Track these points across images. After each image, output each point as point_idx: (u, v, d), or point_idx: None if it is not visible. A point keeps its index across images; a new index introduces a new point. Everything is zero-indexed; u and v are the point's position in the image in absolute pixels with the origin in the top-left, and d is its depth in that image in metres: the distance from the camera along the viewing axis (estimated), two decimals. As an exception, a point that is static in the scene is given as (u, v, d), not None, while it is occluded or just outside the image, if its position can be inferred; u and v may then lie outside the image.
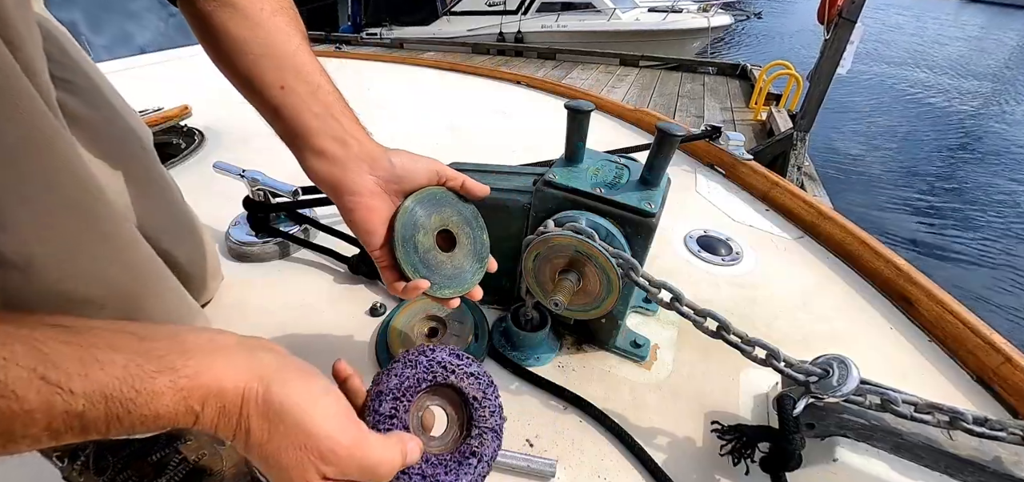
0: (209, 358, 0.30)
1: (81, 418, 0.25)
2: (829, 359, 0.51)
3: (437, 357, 0.42)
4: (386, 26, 9.81)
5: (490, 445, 0.41)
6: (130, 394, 0.26)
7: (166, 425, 0.28)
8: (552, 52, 8.40)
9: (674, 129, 0.56)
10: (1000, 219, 5.04)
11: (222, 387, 0.30)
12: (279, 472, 0.32)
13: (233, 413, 0.30)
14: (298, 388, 0.33)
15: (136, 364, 0.27)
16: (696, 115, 5.78)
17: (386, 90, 1.94)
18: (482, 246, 0.51)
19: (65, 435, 0.25)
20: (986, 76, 11.29)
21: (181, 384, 0.28)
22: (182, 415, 0.28)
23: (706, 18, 8.66)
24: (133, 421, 0.27)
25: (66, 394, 0.25)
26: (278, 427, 0.31)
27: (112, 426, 0.26)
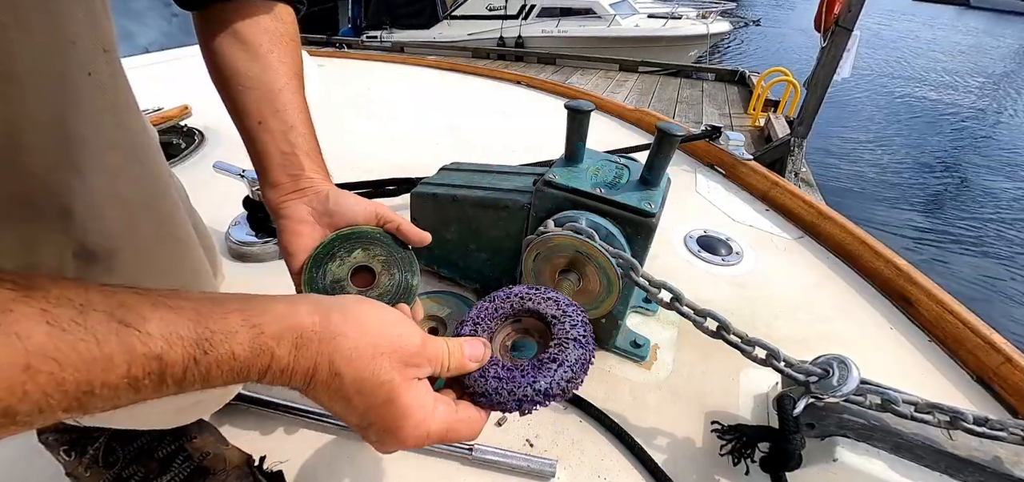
0: (272, 302, 0.30)
1: (160, 361, 0.25)
2: (829, 359, 0.51)
3: (514, 290, 0.45)
4: (386, 29, 9.84)
5: (571, 352, 0.41)
6: (205, 334, 0.26)
7: (242, 369, 0.28)
8: (552, 57, 8.44)
9: (674, 129, 0.57)
10: (998, 224, 5.05)
11: (297, 321, 0.29)
12: (374, 392, 0.31)
13: (311, 343, 0.30)
14: (363, 308, 0.33)
15: (206, 308, 0.27)
16: (694, 120, 5.80)
17: (386, 90, 1.94)
18: (402, 291, 0.49)
19: (143, 385, 0.25)
20: (985, 82, 11.34)
21: (254, 321, 0.28)
22: (258, 355, 0.28)
23: (705, 25, 8.71)
24: (210, 364, 0.26)
25: (144, 335, 0.24)
26: (366, 337, 0.31)
27: (189, 372, 0.26)
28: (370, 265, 0.48)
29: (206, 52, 0.49)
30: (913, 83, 10.59)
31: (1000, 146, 7.24)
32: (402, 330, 0.34)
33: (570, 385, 0.39)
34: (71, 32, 0.32)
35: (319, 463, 0.56)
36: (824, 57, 3.51)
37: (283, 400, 0.60)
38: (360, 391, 0.31)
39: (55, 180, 0.32)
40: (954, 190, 5.83)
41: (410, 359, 0.33)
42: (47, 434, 0.50)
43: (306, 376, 0.30)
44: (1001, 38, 19.53)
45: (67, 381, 0.22)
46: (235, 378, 0.28)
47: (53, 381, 0.22)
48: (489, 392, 0.38)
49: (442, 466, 0.56)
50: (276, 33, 0.50)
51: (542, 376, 0.39)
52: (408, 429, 0.32)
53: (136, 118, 0.40)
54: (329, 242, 0.47)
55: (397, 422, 0.32)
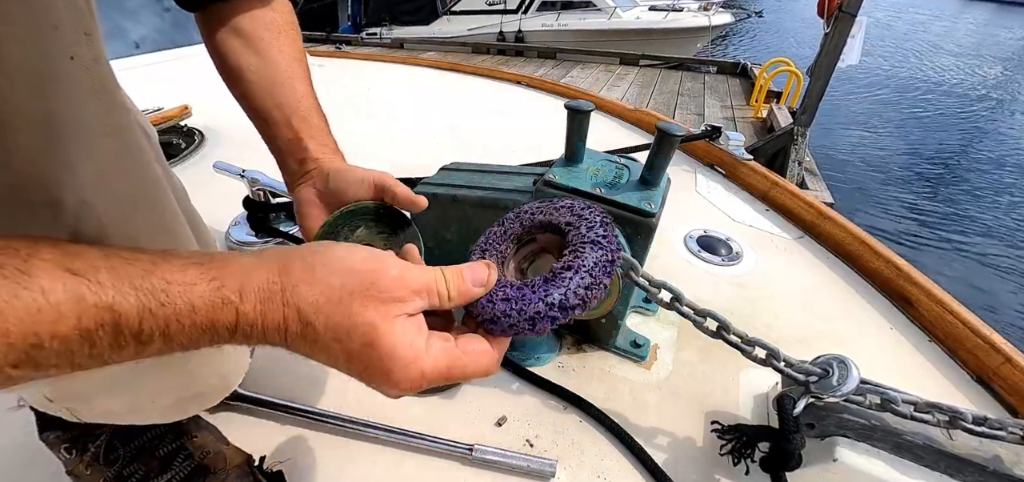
0: (234, 258, 0.29)
1: (112, 311, 0.23)
2: (829, 359, 0.51)
3: (524, 208, 0.41)
4: (386, 26, 9.81)
5: (588, 255, 0.35)
6: (160, 284, 0.25)
7: (206, 324, 0.26)
8: (552, 51, 8.40)
9: (674, 129, 0.56)
10: (1002, 214, 5.03)
11: (256, 275, 0.28)
12: (350, 336, 0.29)
13: (275, 296, 0.28)
14: (328, 251, 0.31)
15: (163, 260, 0.26)
16: (696, 113, 5.78)
17: (386, 90, 1.94)
18: (410, 233, 0.50)
19: (97, 337, 0.23)
20: (988, 73, 11.28)
21: (213, 273, 0.27)
22: (220, 307, 0.26)
23: (707, 17, 8.66)
24: (168, 317, 0.25)
25: (94, 285, 0.23)
26: (331, 280, 0.29)
27: (145, 323, 0.24)
28: (372, 242, 0.48)
29: (211, 51, 0.51)
30: (917, 74, 10.53)
31: (1005, 137, 7.20)
32: (374, 265, 0.30)
33: (589, 293, 0.34)
34: (53, 17, 0.31)
35: (319, 463, 0.56)
36: (827, 44, 3.49)
37: (283, 400, 0.61)
38: (337, 338, 0.29)
39: (44, 171, 0.31)
40: (956, 182, 5.81)
41: (386, 294, 0.30)
42: (48, 432, 0.50)
43: (279, 331, 0.28)
44: (1006, 30, 19.40)
45: (12, 333, 0.21)
46: (201, 335, 0.27)
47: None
48: (497, 316, 0.33)
49: (442, 466, 0.56)
50: (274, 25, 0.52)
51: (555, 287, 0.33)
52: (398, 372, 0.30)
53: (122, 103, 0.39)
54: (332, 221, 0.47)
55: (384, 365, 0.29)
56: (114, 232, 0.36)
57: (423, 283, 0.31)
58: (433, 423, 0.60)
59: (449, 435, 0.58)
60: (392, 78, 2.10)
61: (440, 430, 0.58)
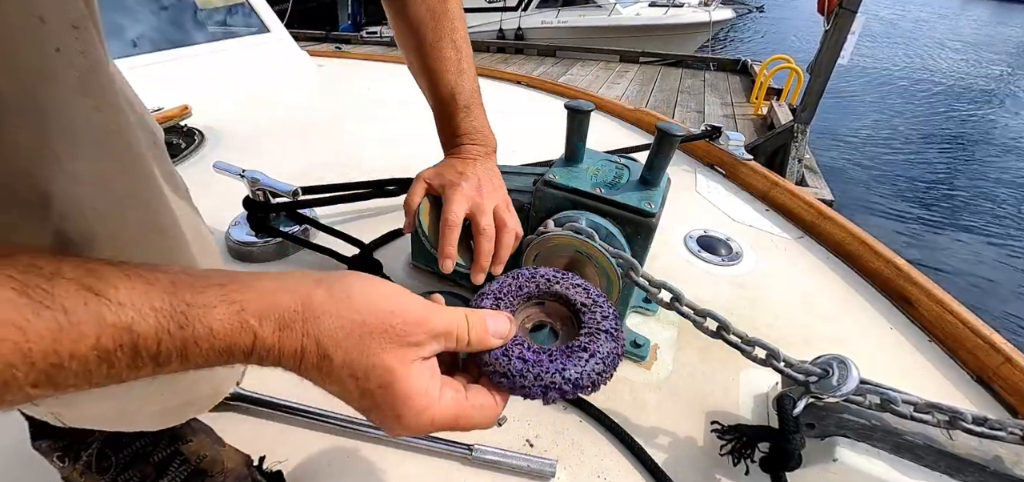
0: (256, 279, 0.28)
1: (130, 332, 0.23)
2: (829, 359, 0.51)
3: (540, 271, 0.42)
4: (386, 24, 9.79)
5: (603, 344, 0.37)
6: (180, 306, 0.25)
7: (223, 348, 0.26)
8: (552, 49, 8.39)
9: (674, 129, 0.56)
10: (1004, 213, 5.03)
11: (277, 300, 0.28)
12: (367, 376, 0.29)
13: (295, 324, 0.28)
14: (353, 282, 0.30)
15: (183, 281, 0.26)
16: (696, 111, 5.78)
17: (386, 90, 1.94)
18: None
19: (116, 358, 0.23)
20: (990, 70, 11.26)
21: (234, 297, 0.26)
22: (239, 332, 0.26)
23: (707, 12, 8.65)
24: (186, 339, 0.25)
25: (114, 305, 0.23)
26: (354, 316, 0.29)
27: (164, 346, 0.24)
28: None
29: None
30: (917, 71, 10.52)
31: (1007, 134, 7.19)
32: (396, 306, 0.30)
33: (600, 379, 0.36)
34: (38, 8, 0.31)
35: (319, 463, 0.56)
36: (827, 40, 3.48)
37: (283, 400, 0.61)
38: (353, 374, 0.29)
39: (34, 165, 0.31)
40: (958, 179, 5.80)
41: (406, 337, 0.30)
42: (41, 441, 0.50)
43: (295, 358, 0.28)
44: (1007, 27, 19.36)
45: (33, 352, 0.21)
46: (218, 357, 0.26)
47: (18, 351, 0.21)
48: (512, 373, 0.34)
49: (442, 466, 0.56)
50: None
51: (572, 365, 0.35)
52: (409, 417, 0.30)
53: (115, 98, 0.38)
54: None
55: (397, 409, 0.30)
56: (102, 227, 0.36)
57: (444, 327, 0.32)
58: (433, 423, 0.60)
59: (449, 435, 0.58)
60: (392, 78, 2.09)
61: (440, 430, 0.58)
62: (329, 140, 1.45)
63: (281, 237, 0.89)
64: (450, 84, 0.62)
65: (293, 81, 1.90)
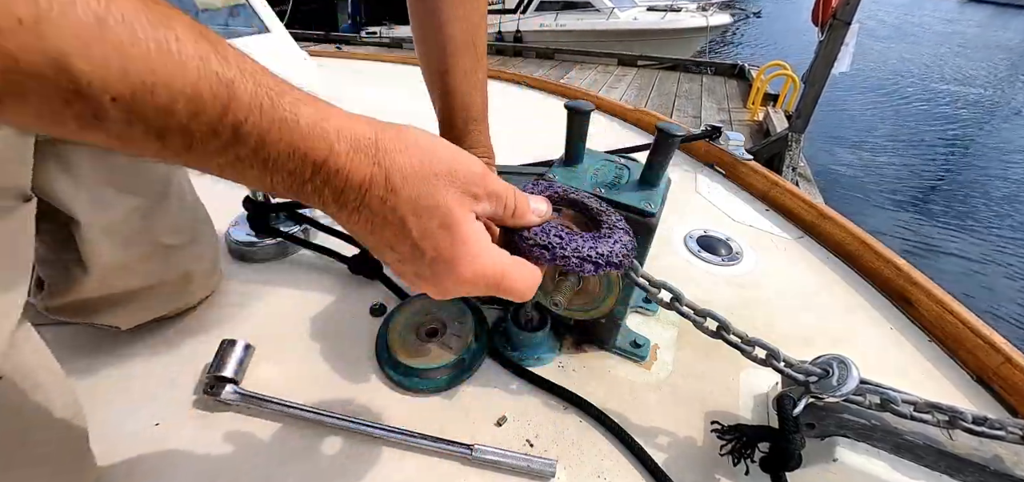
0: (334, 106, 0.29)
1: (229, 88, 0.23)
2: (829, 359, 0.51)
3: (553, 184, 0.46)
4: (386, 25, 9.81)
5: (623, 235, 0.41)
6: (276, 87, 0.25)
7: (300, 146, 0.26)
8: (550, 52, 8.42)
9: (674, 129, 0.56)
10: (1001, 215, 5.05)
11: (354, 124, 0.28)
12: (430, 214, 0.29)
13: (369, 150, 0.28)
14: (417, 132, 0.31)
15: (282, 80, 0.27)
16: (693, 115, 5.80)
17: (386, 90, 1.94)
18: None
19: (205, 109, 0.23)
20: (985, 75, 11.31)
21: (322, 108, 0.27)
22: (318, 138, 0.26)
23: (705, 17, 8.68)
24: (272, 120, 0.25)
25: (220, 58, 0.23)
26: (422, 154, 0.29)
27: (251, 118, 0.24)
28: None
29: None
30: (913, 77, 10.55)
31: (1004, 138, 7.22)
32: (459, 156, 0.31)
33: (626, 260, 0.40)
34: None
35: (319, 463, 0.56)
36: (822, 51, 3.51)
37: (283, 400, 0.60)
38: (415, 211, 0.29)
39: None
40: (954, 183, 5.82)
41: (468, 186, 0.31)
42: None
43: (361, 186, 0.28)
44: (1003, 31, 19.46)
45: (134, 58, 0.20)
46: (288, 159, 0.26)
47: (118, 51, 0.20)
48: (552, 245, 0.37)
49: (442, 466, 0.56)
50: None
51: (602, 244, 0.39)
52: (464, 261, 0.31)
53: None
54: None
55: (453, 251, 0.30)
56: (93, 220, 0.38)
57: (498, 188, 0.33)
58: (433, 423, 0.60)
59: (449, 435, 0.58)
60: (392, 78, 2.09)
61: (439, 430, 0.58)
62: (328, 141, 1.45)
63: (281, 237, 0.88)
64: (465, 96, 0.61)
65: (293, 81, 1.89)
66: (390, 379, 0.65)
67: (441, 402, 0.63)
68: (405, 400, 0.63)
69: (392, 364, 0.66)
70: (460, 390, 0.64)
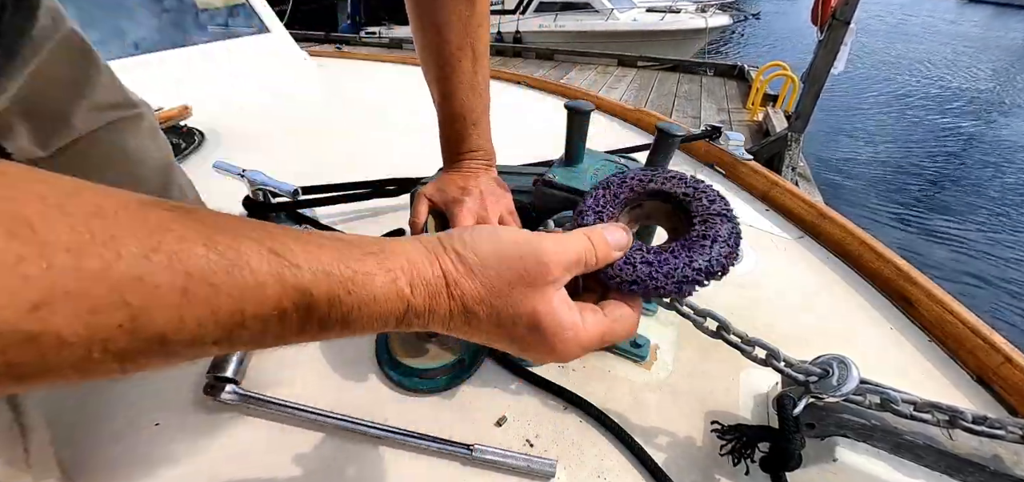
0: (400, 247, 0.30)
1: (307, 296, 0.24)
2: (829, 359, 0.51)
3: (629, 174, 0.42)
4: (385, 25, 9.81)
5: (722, 227, 0.37)
6: (347, 273, 0.26)
7: (381, 313, 0.28)
8: (550, 53, 8.42)
9: (674, 129, 0.56)
10: (999, 217, 5.05)
11: (422, 270, 0.29)
12: (514, 324, 0.31)
13: (442, 290, 0.29)
14: (480, 239, 0.32)
15: (345, 248, 0.27)
16: (693, 116, 5.80)
17: (386, 90, 1.94)
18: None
19: (290, 319, 0.24)
20: (987, 75, 11.31)
21: (388, 264, 0.28)
22: (395, 299, 0.28)
23: (704, 19, 8.68)
24: (352, 305, 0.26)
25: (293, 268, 0.24)
26: (488, 273, 0.30)
27: (333, 311, 0.26)
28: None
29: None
30: (913, 77, 10.56)
31: (1003, 139, 7.22)
32: (525, 251, 0.31)
33: (729, 261, 0.36)
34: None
35: (319, 463, 0.56)
36: (821, 51, 3.51)
37: (283, 400, 0.60)
38: (499, 325, 0.31)
39: None
40: (954, 184, 5.82)
41: (543, 278, 0.31)
42: None
43: (445, 321, 0.30)
44: (1002, 32, 19.48)
45: (221, 309, 0.21)
46: (372, 323, 0.28)
47: (208, 308, 0.21)
48: (642, 278, 0.35)
49: (442, 466, 0.56)
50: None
51: (698, 255, 0.35)
52: (560, 348, 0.32)
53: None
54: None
55: (548, 344, 0.31)
56: None
57: (574, 256, 0.33)
58: (432, 423, 0.60)
59: (448, 435, 0.58)
60: (392, 78, 2.09)
61: (439, 430, 0.58)
62: (329, 140, 1.45)
63: (280, 237, 0.88)
64: (462, 100, 0.60)
65: (293, 81, 1.90)
66: (390, 379, 0.65)
67: (441, 402, 0.63)
68: (405, 400, 0.63)
69: (392, 364, 0.66)
70: (460, 390, 0.64)
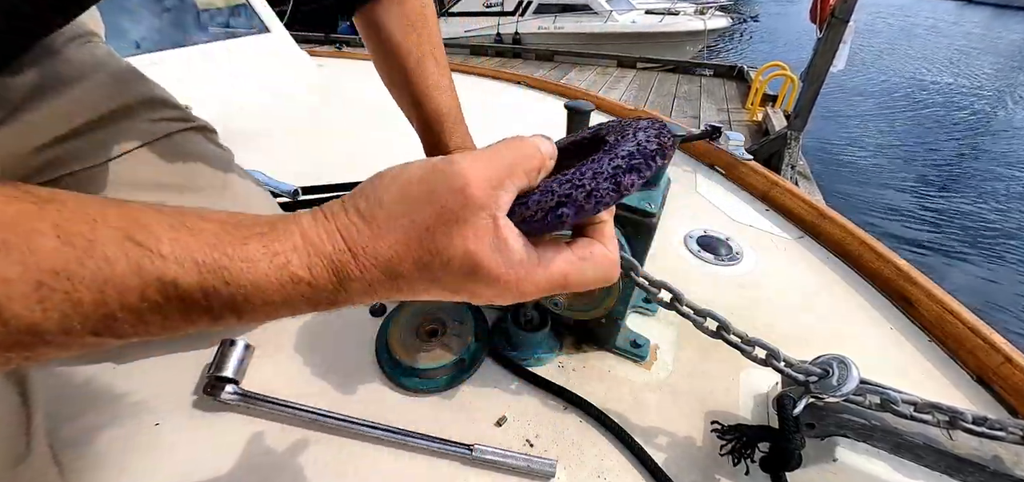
0: (294, 225, 0.26)
1: (173, 287, 0.23)
2: (829, 359, 0.51)
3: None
4: (385, 27, 9.81)
5: (638, 125, 0.30)
6: (222, 261, 0.24)
7: (276, 299, 0.25)
8: (550, 54, 8.43)
9: (674, 129, 0.56)
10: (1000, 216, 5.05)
11: (322, 245, 0.25)
12: (447, 270, 0.26)
13: (350, 264, 0.25)
14: (386, 184, 0.27)
15: (225, 231, 0.25)
16: (692, 116, 5.80)
17: (386, 90, 1.93)
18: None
19: (169, 311, 0.23)
20: (987, 75, 11.32)
21: (275, 246, 0.25)
22: (289, 283, 0.25)
23: (702, 20, 8.69)
24: (235, 295, 0.24)
25: (156, 257, 0.22)
26: (400, 222, 0.25)
27: (212, 300, 0.24)
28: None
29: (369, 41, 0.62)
30: (913, 78, 10.57)
31: (1003, 139, 7.23)
32: (435, 182, 0.26)
33: (662, 140, 0.28)
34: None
35: (319, 463, 0.56)
36: (820, 49, 3.51)
37: (283, 400, 0.60)
38: (433, 278, 0.26)
39: None
40: (953, 183, 5.83)
41: (464, 207, 0.25)
42: None
43: (365, 292, 0.26)
44: (1002, 33, 19.49)
45: (84, 301, 0.21)
46: (273, 310, 0.25)
47: (69, 300, 0.21)
48: (567, 196, 0.27)
49: (442, 466, 0.56)
50: (410, 14, 0.61)
51: (621, 148, 0.28)
52: (511, 290, 0.27)
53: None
54: None
55: (497, 285, 0.26)
56: None
57: (501, 165, 0.26)
58: (432, 423, 0.60)
59: (449, 435, 0.58)
60: (391, 79, 2.09)
61: (439, 430, 0.58)
62: (329, 140, 1.45)
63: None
64: (436, 103, 0.62)
65: (293, 81, 1.90)
66: (390, 379, 0.65)
67: (441, 402, 0.63)
68: (405, 400, 0.63)
69: (392, 364, 0.66)
70: (460, 390, 0.64)
